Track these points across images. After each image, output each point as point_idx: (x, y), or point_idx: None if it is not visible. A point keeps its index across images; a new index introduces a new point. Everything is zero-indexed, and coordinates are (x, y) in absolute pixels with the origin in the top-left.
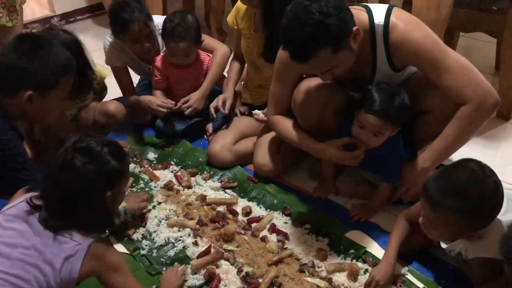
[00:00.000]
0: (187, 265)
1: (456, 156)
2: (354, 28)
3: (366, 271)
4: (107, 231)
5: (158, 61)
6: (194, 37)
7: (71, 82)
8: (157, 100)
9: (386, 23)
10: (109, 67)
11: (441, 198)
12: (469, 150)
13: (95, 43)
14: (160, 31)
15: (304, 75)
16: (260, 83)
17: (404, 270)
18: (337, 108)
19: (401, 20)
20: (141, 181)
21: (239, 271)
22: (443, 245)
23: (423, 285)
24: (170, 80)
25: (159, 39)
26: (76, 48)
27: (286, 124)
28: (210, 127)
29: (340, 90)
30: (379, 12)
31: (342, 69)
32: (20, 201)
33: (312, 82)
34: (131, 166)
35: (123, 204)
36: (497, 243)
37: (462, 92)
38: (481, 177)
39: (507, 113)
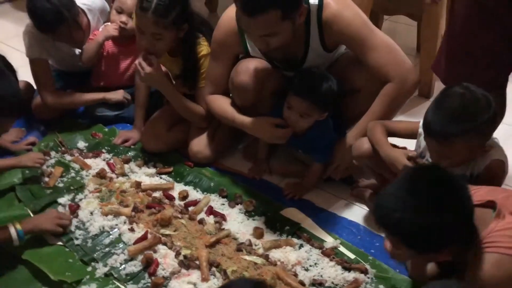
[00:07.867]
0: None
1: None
2: (303, 6)
3: (301, 246)
4: None
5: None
6: None
7: None
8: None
9: (320, 3)
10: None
11: (445, 129)
12: None
13: (16, 28)
14: (89, 5)
15: (240, 56)
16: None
17: (337, 242)
18: (274, 89)
19: (333, 0)
20: (72, 170)
21: (177, 254)
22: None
23: (354, 256)
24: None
25: (90, 15)
26: None
27: (221, 102)
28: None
29: (276, 71)
30: None
31: (279, 42)
32: None
33: (250, 63)
34: (57, 154)
35: (18, 227)
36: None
37: (385, 70)
38: (471, 96)
39: (428, 92)
